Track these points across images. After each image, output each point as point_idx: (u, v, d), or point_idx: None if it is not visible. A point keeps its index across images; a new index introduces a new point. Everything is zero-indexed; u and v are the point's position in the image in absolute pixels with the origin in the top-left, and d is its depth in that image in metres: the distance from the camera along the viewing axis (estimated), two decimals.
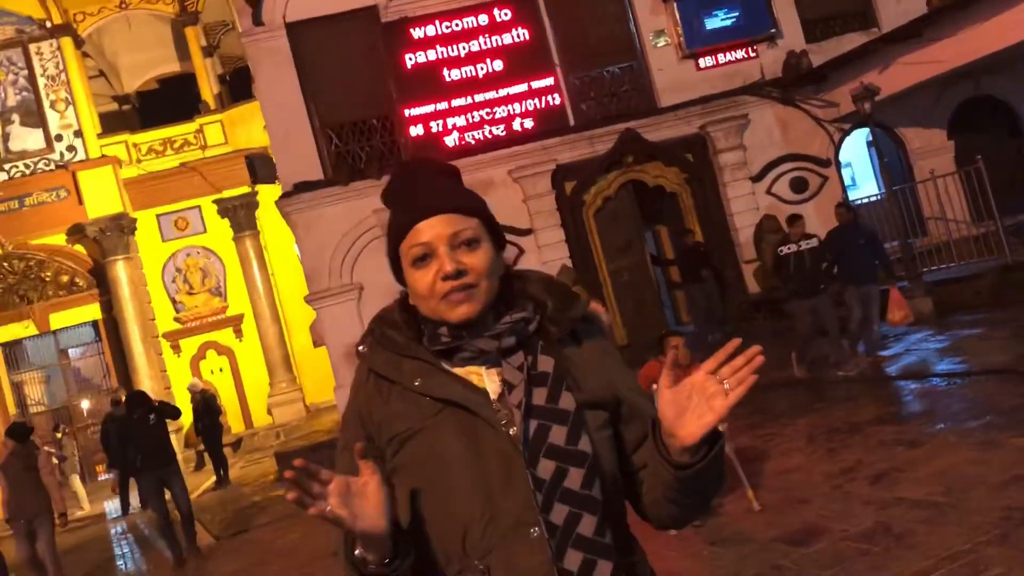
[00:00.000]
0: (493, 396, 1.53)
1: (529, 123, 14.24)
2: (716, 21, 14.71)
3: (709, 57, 14.70)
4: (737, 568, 4.93)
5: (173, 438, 15.33)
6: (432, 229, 1.53)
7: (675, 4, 14.55)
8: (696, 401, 1.41)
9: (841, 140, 15.03)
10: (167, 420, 9.62)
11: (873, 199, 14.28)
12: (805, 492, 5.89)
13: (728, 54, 14.73)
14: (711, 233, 14.40)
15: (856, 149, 15.79)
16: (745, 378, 1.39)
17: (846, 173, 15.65)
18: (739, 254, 14.46)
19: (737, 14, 14.70)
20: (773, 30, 14.78)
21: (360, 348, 1.64)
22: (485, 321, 1.56)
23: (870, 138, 13.92)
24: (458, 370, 1.56)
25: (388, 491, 1.44)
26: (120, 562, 10.65)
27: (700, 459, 1.44)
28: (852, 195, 15.27)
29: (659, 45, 14.70)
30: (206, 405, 14.80)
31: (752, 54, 14.78)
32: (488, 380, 1.55)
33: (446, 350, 1.56)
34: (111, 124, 20.64)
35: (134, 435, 9.33)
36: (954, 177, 13.44)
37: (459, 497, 1.49)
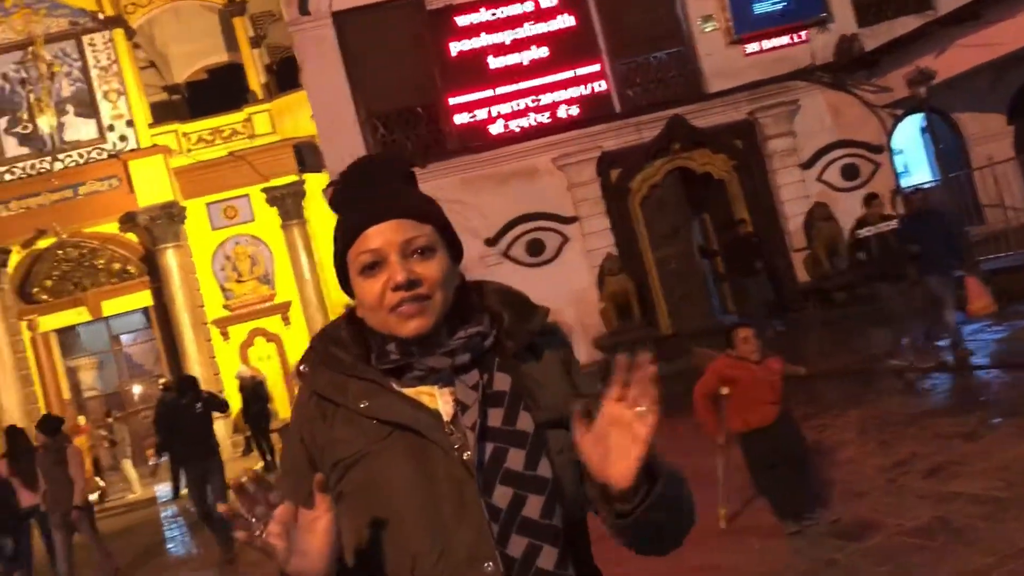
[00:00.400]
0: (446, 417, 1.41)
1: (574, 110, 14.14)
2: (766, 6, 14.45)
3: (758, 42, 14.45)
4: (788, 562, 4.85)
5: (221, 425, 15.63)
6: (382, 235, 1.41)
7: None
8: (616, 436, 1.26)
9: (894, 126, 14.70)
10: (213, 412, 9.40)
11: (927, 186, 13.94)
12: (858, 485, 5.77)
13: (778, 39, 14.47)
14: (760, 221, 14.18)
15: (909, 135, 15.43)
16: (648, 394, 1.25)
17: (898, 160, 15.31)
18: (788, 242, 14.23)
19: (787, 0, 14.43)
20: (824, 14, 14.47)
21: (301, 368, 1.51)
22: (438, 336, 1.44)
23: (924, 123, 13.59)
24: (408, 390, 1.44)
25: (337, 531, 1.31)
26: (170, 545, 10.83)
27: (640, 502, 1.29)
28: (904, 182, 14.94)
29: (707, 30, 14.48)
30: (255, 392, 14.98)
31: (802, 38, 14.50)
32: (441, 400, 1.43)
33: (395, 369, 1.44)
34: (161, 114, 20.93)
35: (180, 422, 9.23)
36: (1013, 163, 13.07)
37: (408, 528, 1.37)
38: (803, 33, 14.46)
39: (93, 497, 15.14)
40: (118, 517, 13.77)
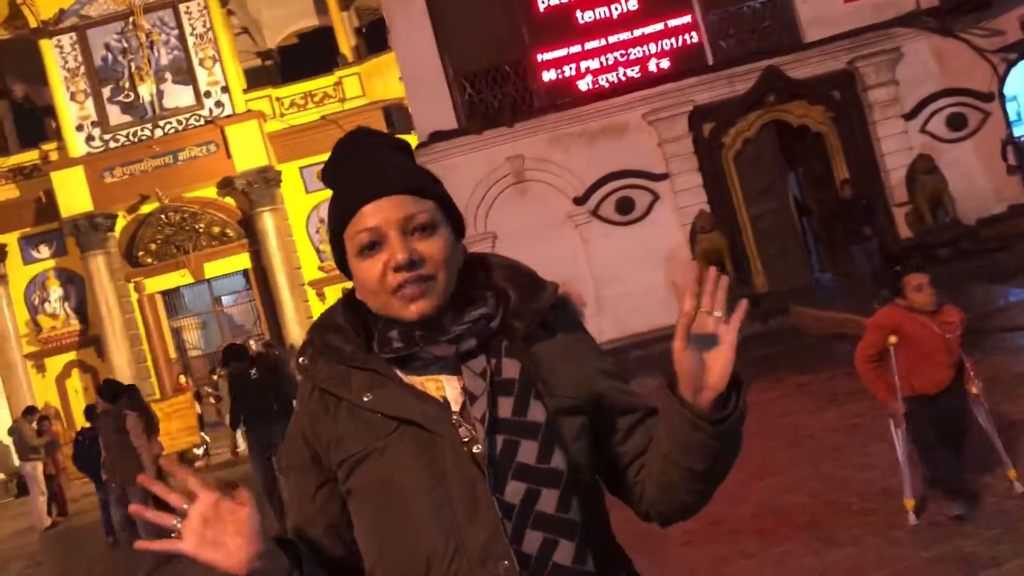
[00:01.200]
0: (455, 407, 1.35)
1: (665, 63, 13.83)
2: None
3: None
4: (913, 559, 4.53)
5: None
6: (381, 212, 1.34)
7: None
8: (705, 342, 1.30)
9: (1006, 72, 13.89)
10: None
11: None
12: (968, 445, 5.54)
13: None
14: (859, 175, 13.65)
15: (1023, 81, 14.59)
16: (722, 300, 1.31)
17: (1011, 108, 14.50)
18: (890, 196, 13.69)
19: None
20: None
21: (300, 360, 1.44)
22: (442, 320, 1.36)
23: None
24: (414, 379, 1.38)
25: (263, 531, 1.27)
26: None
27: (736, 407, 1.32)
28: (1018, 131, 14.17)
29: None
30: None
31: None
32: (449, 389, 1.37)
33: (399, 358, 1.37)
34: (255, 79, 21.36)
35: (243, 390, 8.50)
36: None
37: (419, 528, 1.32)
38: None
39: (199, 451, 15.85)
40: (219, 470, 14.35)
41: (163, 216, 19.25)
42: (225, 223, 19.56)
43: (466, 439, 1.32)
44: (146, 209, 19.22)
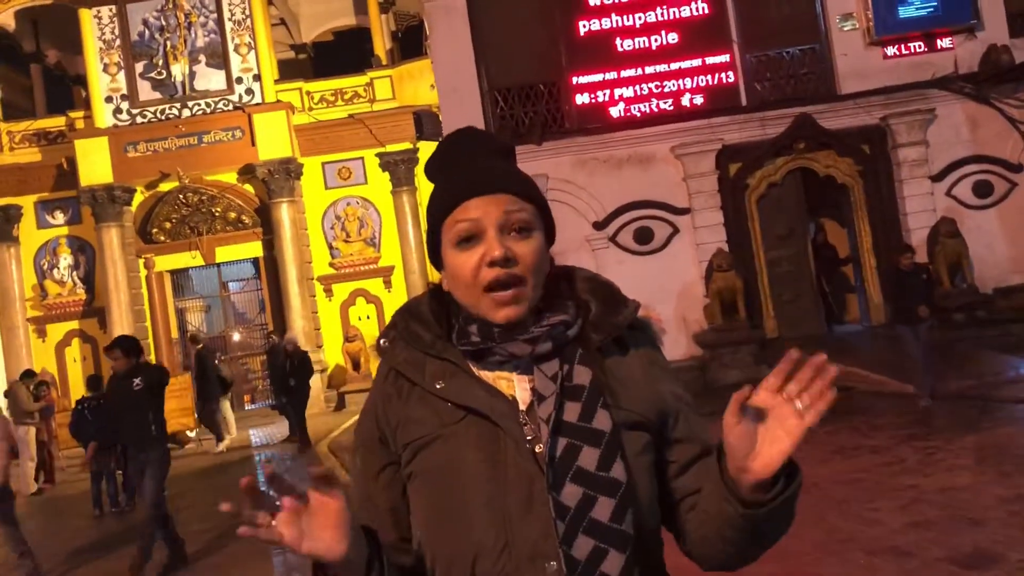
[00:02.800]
0: (522, 406, 1.37)
1: (699, 99, 13.85)
2: (911, 10, 13.82)
3: (898, 45, 13.86)
4: None
5: (317, 379, 16.02)
6: (483, 207, 1.38)
7: None
8: (768, 425, 1.22)
9: None
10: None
11: None
12: (976, 513, 5.51)
13: (920, 44, 13.85)
14: (881, 231, 13.67)
15: None
16: (823, 392, 1.20)
17: None
18: None
19: (935, 5, 13.76)
20: (974, 21, 13.77)
21: (382, 342, 1.48)
22: (523, 321, 1.39)
23: None
24: (486, 374, 1.40)
25: (351, 514, 1.28)
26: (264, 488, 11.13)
27: (775, 496, 1.26)
28: None
29: (845, 29, 13.97)
30: (301, 364, 14.10)
31: (946, 45, 13.84)
32: (518, 388, 1.39)
33: (475, 351, 1.40)
34: (287, 71, 21.44)
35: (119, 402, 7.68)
36: None
37: (473, 518, 1.34)
38: (948, 40, 13.80)
39: (191, 434, 15.78)
40: (216, 457, 14.29)
41: (181, 196, 19.27)
42: (242, 209, 19.58)
43: (529, 437, 1.34)
44: (165, 187, 19.24)
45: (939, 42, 13.82)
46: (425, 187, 19.46)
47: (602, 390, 1.38)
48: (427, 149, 18.70)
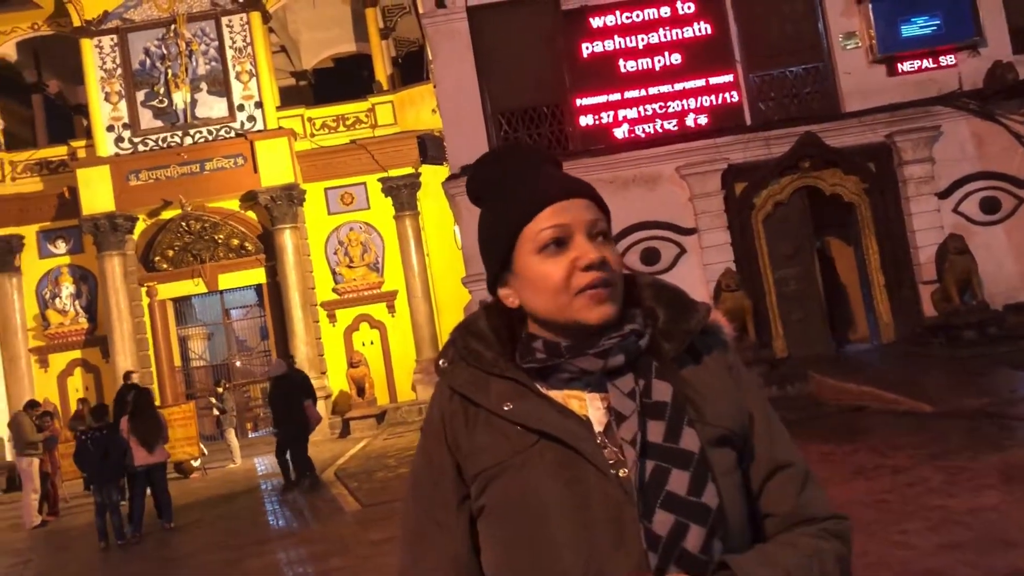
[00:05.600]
0: (598, 427, 1.28)
1: (703, 119, 13.83)
2: (914, 28, 13.81)
3: (902, 63, 13.86)
4: None
5: (322, 405, 15.86)
6: (570, 212, 1.31)
7: (870, 5, 13.78)
8: None
9: None
10: None
11: None
12: (1009, 534, 5.38)
13: (924, 61, 13.84)
14: (888, 249, 13.60)
15: None
16: None
17: None
18: (917, 274, 13.59)
19: (938, 23, 13.78)
20: (977, 38, 13.78)
21: (440, 363, 1.39)
22: (596, 334, 1.30)
23: None
24: (555, 394, 1.31)
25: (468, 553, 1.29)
26: (272, 518, 10.99)
27: None
28: None
29: (848, 48, 13.97)
30: (302, 386, 12.70)
31: (950, 62, 13.85)
32: (591, 407, 1.30)
33: (541, 369, 1.32)
34: (288, 98, 21.48)
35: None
36: None
37: (560, 551, 1.23)
38: (952, 57, 13.80)
39: (195, 463, 15.63)
40: (221, 485, 14.14)
41: (183, 224, 19.22)
42: (244, 236, 19.52)
43: (611, 461, 1.25)
44: (167, 215, 19.20)
45: (943, 59, 13.82)
46: (428, 211, 19.44)
47: (685, 406, 1.29)
48: (430, 173, 18.68)
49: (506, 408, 1.30)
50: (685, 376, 1.32)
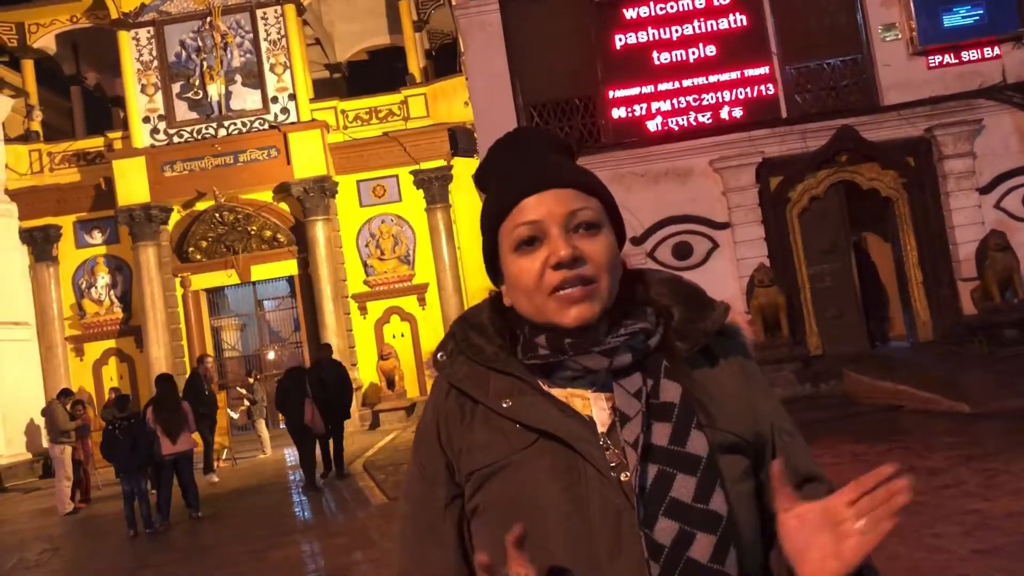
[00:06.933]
0: (601, 428, 1.21)
1: (738, 112, 13.62)
2: (956, 18, 13.50)
3: (943, 55, 13.53)
4: None
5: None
6: (543, 205, 1.23)
7: None
8: (824, 537, 1.09)
9: None
10: None
11: None
12: None
13: (966, 53, 13.50)
14: (927, 246, 13.30)
15: None
16: (883, 518, 1.06)
17: None
18: (956, 271, 13.27)
19: (981, 11, 13.43)
20: (1021, 29, 13.41)
21: (439, 355, 1.33)
22: (595, 331, 1.23)
23: None
24: (557, 391, 1.24)
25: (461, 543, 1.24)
26: (298, 509, 11.02)
27: None
28: None
29: (888, 39, 13.66)
30: (339, 376, 12.71)
31: (994, 54, 13.49)
32: (595, 407, 1.23)
33: (544, 365, 1.24)
34: (321, 90, 21.52)
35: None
36: None
37: (555, 557, 1.16)
38: (995, 48, 13.45)
39: (224, 453, 15.71)
40: (250, 475, 14.20)
41: (217, 215, 19.34)
42: (277, 228, 19.62)
43: (613, 464, 1.17)
44: (201, 206, 19.34)
45: (986, 51, 13.47)
46: (460, 204, 19.41)
47: (694, 408, 1.21)
48: (462, 165, 18.64)
49: (505, 405, 1.23)
50: (697, 378, 1.25)
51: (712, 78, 13.66)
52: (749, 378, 1.30)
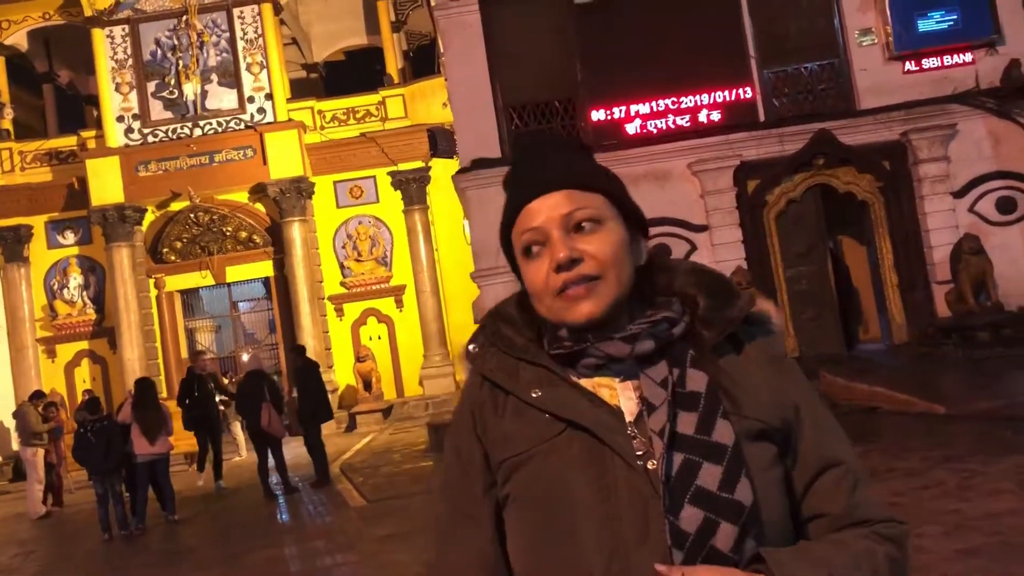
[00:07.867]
0: (628, 417, 1.23)
1: (716, 115, 13.68)
2: (931, 23, 13.65)
3: (918, 60, 13.68)
4: None
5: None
6: (542, 211, 1.28)
7: (887, 1, 13.60)
8: None
9: None
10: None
11: None
12: None
13: (941, 58, 13.66)
14: (903, 248, 13.44)
15: None
16: None
17: None
18: (931, 274, 13.42)
19: (955, 17, 13.60)
20: (995, 35, 13.59)
21: (470, 347, 1.37)
22: (617, 321, 1.26)
23: None
24: (584, 381, 1.27)
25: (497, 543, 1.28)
26: (277, 512, 10.90)
27: None
28: None
29: (864, 44, 13.79)
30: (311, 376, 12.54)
31: (967, 60, 13.66)
32: (623, 396, 1.25)
33: (569, 355, 1.27)
34: (298, 90, 21.39)
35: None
36: None
37: (583, 544, 1.20)
38: (969, 54, 13.62)
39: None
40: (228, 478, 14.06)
41: (192, 215, 19.17)
42: (253, 229, 19.46)
43: (640, 453, 1.20)
44: (176, 207, 19.15)
45: (960, 56, 13.64)
46: (437, 205, 19.43)
47: (720, 397, 1.23)
48: (440, 167, 18.59)
49: (534, 395, 1.26)
50: (724, 366, 1.26)
51: (691, 82, 13.71)
52: (776, 364, 1.31)
